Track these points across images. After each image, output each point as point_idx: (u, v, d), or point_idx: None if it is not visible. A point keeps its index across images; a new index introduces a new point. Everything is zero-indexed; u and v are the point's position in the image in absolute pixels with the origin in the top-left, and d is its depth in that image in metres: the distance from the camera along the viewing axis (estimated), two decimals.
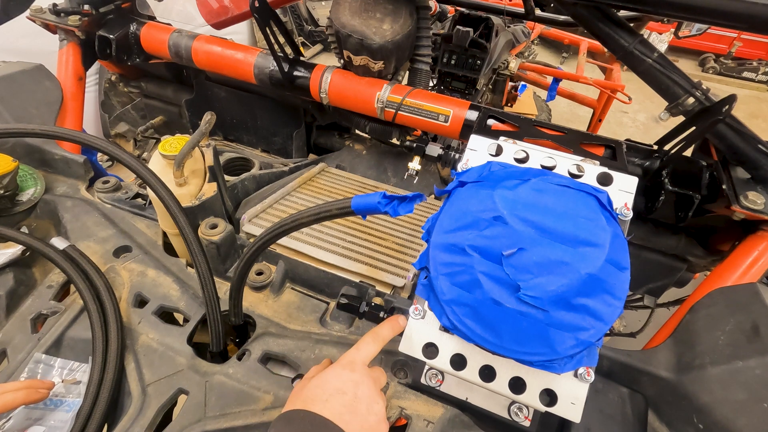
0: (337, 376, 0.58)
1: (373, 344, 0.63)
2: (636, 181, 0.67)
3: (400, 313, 0.85)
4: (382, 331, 0.65)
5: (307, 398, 0.55)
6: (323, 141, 1.65)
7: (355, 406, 0.55)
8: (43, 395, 0.70)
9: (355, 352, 0.62)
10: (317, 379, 0.58)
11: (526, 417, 0.67)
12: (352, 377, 0.58)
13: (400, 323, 0.66)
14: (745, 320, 0.72)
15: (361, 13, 1.10)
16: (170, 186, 0.86)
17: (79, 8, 1.32)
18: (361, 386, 0.57)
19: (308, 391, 0.57)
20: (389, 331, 0.65)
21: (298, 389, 0.59)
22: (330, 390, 0.56)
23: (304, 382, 0.60)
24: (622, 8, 0.93)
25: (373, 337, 0.64)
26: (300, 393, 0.57)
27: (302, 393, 0.57)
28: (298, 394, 0.58)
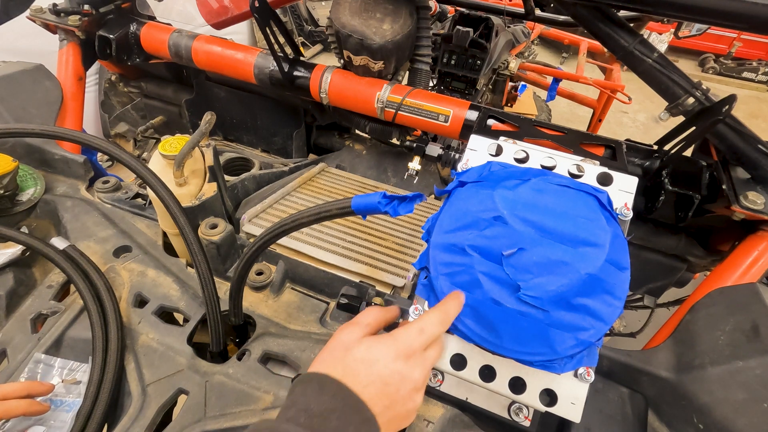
0: (387, 364, 0.50)
1: (440, 326, 0.54)
2: (636, 181, 0.67)
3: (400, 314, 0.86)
4: (450, 309, 0.54)
5: (347, 370, 0.48)
6: (323, 141, 1.65)
7: (395, 404, 0.49)
8: (44, 409, 0.70)
9: (416, 335, 0.52)
10: (367, 353, 0.50)
11: (526, 417, 0.67)
12: (403, 371, 0.50)
13: (462, 299, 0.56)
14: (745, 320, 0.72)
15: (361, 13, 1.10)
16: (170, 186, 0.86)
17: (79, 8, 1.32)
18: (408, 382, 0.50)
19: (351, 362, 0.49)
20: (456, 309, 0.55)
21: (341, 349, 0.51)
22: (375, 376, 0.49)
23: (351, 342, 0.52)
24: (622, 8, 0.93)
25: (442, 318, 0.54)
26: (344, 356, 0.50)
27: (346, 358, 0.50)
28: (338, 357, 0.51)
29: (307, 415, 0.44)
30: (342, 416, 0.44)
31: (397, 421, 0.50)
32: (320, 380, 0.48)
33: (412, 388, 0.51)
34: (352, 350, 0.51)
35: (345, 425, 0.44)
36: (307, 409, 0.44)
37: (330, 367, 0.50)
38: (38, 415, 0.71)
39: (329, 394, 0.46)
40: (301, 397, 0.46)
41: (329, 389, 0.47)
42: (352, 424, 0.45)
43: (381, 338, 0.52)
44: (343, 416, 0.44)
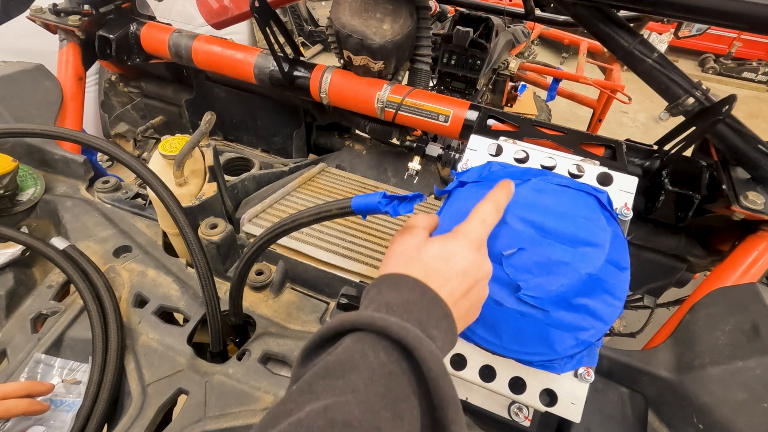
0: (465, 255, 0.48)
1: (496, 214, 0.53)
2: (636, 181, 0.67)
3: None
4: (501, 198, 0.54)
5: (428, 268, 0.47)
6: (323, 141, 1.65)
7: (470, 294, 0.48)
8: (44, 408, 0.70)
9: (480, 226, 0.51)
10: (442, 249, 0.48)
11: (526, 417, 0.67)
12: (479, 261, 0.49)
13: (511, 188, 0.57)
14: (745, 320, 0.72)
15: (361, 13, 1.10)
16: (170, 186, 0.86)
17: (79, 8, 1.32)
18: (482, 271, 0.49)
19: (430, 259, 0.48)
20: (507, 197, 0.55)
21: (413, 250, 0.49)
22: (455, 270, 0.47)
23: (420, 242, 0.50)
24: (622, 8, 0.93)
25: (496, 207, 0.53)
26: (418, 255, 0.48)
27: (421, 257, 0.48)
28: (413, 257, 0.49)
29: (389, 307, 0.41)
30: (423, 308, 0.42)
31: (470, 313, 0.49)
32: (394, 279, 0.46)
33: (486, 276, 0.50)
34: (426, 248, 0.49)
35: (428, 317, 0.42)
36: (388, 303, 0.42)
37: (406, 268, 0.47)
38: (38, 414, 0.71)
39: (406, 288, 0.44)
40: (377, 296, 0.44)
41: (406, 284, 0.45)
42: (434, 316, 0.43)
43: (451, 235, 0.51)
44: (423, 308, 0.43)
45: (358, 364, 0.35)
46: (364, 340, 0.37)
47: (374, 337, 0.37)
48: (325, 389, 0.34)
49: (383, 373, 0.36)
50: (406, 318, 0.40)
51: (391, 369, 0.36)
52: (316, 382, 0.35)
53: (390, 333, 0.37)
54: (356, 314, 0.39)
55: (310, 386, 0.35)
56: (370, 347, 0.37)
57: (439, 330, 0.42)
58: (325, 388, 0.35)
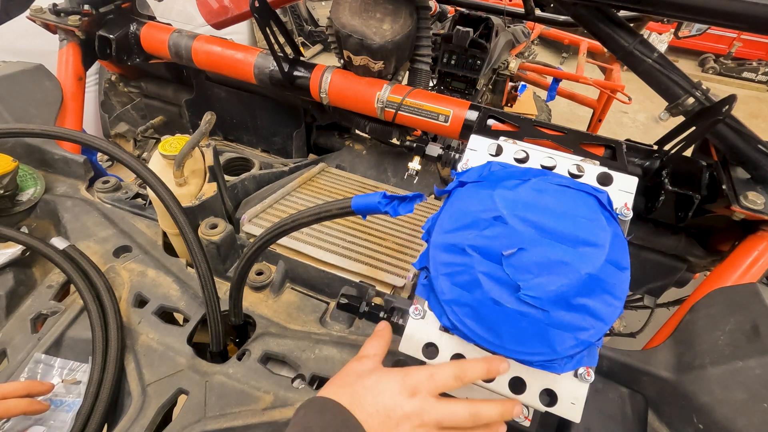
0: (392, 396, 0.51)
1: (453, 380, 0.53)
2: (636, 181, 0.67)
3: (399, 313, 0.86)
4: (470, 371, 0.53)
5: (355, 397, 0.50)
6: (323, 141, 1.65)
7: None
8: (44, 408, 0.70)
9: (425, 378, 0.52)
10: (375, 383, 0.52)
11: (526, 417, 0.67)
12: (405, 406, 0.50)
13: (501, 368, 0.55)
14: (745, 320, 0.72)
15: (361, 13, 1.10)
16: (170, 186, 0.86)
17: (79, 8, 1.32)
18: (409, 420, 0.50)
19: (360, 389, 0.51)
20: (477, 374, 0.53)
21: (353, 376, 0.53)
22: (380, 406, 0.50)
23: (363, 371, 0.53)
24: (622, 8, 0.93)
25: (457, 373, 0.53)
26: (352, 384, 0.52)
27: (353, 386, 0.51)
28: (348, 383, 0.52)
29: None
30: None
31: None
32: (323, 403, 0.49)
33: (410, 427, 0.50)
34: (363, 378, 0.52)
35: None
36: (307, 427, 0.46)
37: (338, 393, 0.51)
38: (38, 414, 0.71)
39: (330, 414, 0.48)
40: (303, 419, 0.48)
41: (331, 411, 0.48)
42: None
43: (391, 371, 0.53)
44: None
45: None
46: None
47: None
48: None
49: None
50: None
51: None
52: None
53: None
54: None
55: None
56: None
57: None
58: None
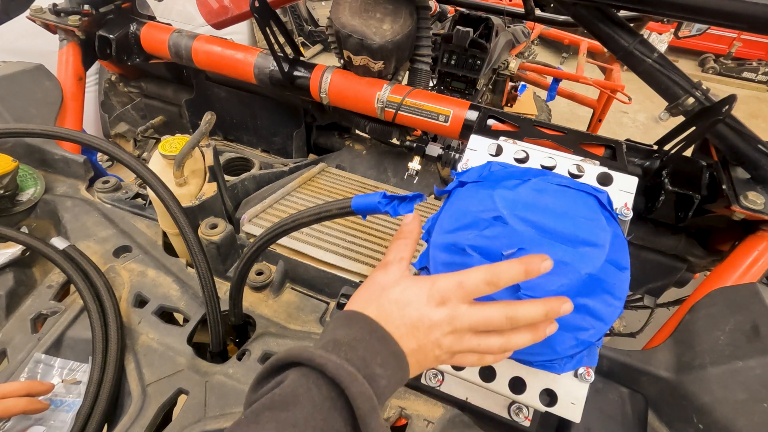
0: (418, 308, 0.48)
1: (484, 286, 0.47)
2: (636, 181, 0.67)
3: None
4: (503, 274, 0.47)
5: (381, 310, 0.48)
6: (323, 141, 1.65)
7: (422, 343, 0.47)
8: (44, 407, 0.70)
9: (455, 287, 0.48)
10: (400, 295, 0.48)
11: (526, 417, 0.67)
12: (433, 316, 0.47)
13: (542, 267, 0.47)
14: (745, 320, 0.72)
15: (361, 13, 1.10)
16: (170, 186, 0.86)
17: (79, 8, 1.32)
18: (436, 329, 0.47)
19: (386, 303, 0.48)
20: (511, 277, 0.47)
21: (378, 289, 0.50)
22: (406, 318, 0.47)
23: (388, 282, 0.50)
24: (622, 8, 0.93)
25: (488, 278, 0.47)
26: (378, 296, 0.49)
27: (379, 299, 0.49)
28: (373, 297, 0.50)
29: (335, 344, 0.43)
30: (369, 346, 0.44)
31: (423, 363, 0.49)
32: (349, 316, 0.48)
33: (441, 335, 0.47)
34: (387, 290, 0.50)
35: (373, 354, 0.43)
36: (335, 339, 0.44)
37: (363, 306, 0.49)
38: (38, 413, 0.70)
39: (357, 326, 0.46)
40: (330, 332, 0.46)
41: (357, 322, 0.47)
42: (380, 354, 0.44)
43: (418, 280, 0.50)
44: (370, 346, 0.44)
45: (301, 398, 0.39)
46: (308, 375, 0.40)
47: (316, 374, 0.40)
48: (270, 420, 0.38)
49: (322, 408, 0.39)
50: (349, 356, 0.42)
51: (329, 404, 0.39)
52: (263, 412, 0.39)
53: (326, 371, 0.40)
54: (301, 349, 0.42)
55: (257, 416, 0.38)
56: (314, 383, 0.40)
57: (385, 368, 0.44)
58: (270, 419, 0.38)
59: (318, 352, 0.41)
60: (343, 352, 0.42)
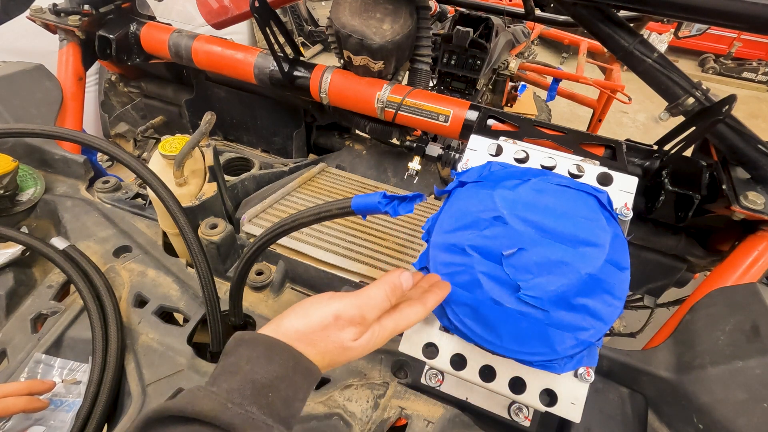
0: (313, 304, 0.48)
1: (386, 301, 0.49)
2: (636, 181, 0.67)
3: None
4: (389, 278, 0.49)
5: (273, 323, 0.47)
6: (323, 141, 1.65)
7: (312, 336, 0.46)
8: (43, 405, 0.70)
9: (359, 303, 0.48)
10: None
11: (526, 417, 0.67)
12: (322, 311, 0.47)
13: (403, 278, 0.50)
14: (745, 320, 0.72)
15: (361, 13, 1.10)
16: (170, 186, 0.86)
17: (79, 8, 1.32)
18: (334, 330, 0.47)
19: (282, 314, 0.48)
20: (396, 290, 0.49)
21: None
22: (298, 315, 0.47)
23: None
24: (622, 8, 0.93)
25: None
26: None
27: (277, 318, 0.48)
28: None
29: (254, 389, 0.40)
30: (292, 383, 0.42)
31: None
32: (269, 346, 0.44)
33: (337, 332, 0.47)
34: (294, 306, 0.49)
35: (294, 391, 0.42)
36: (254, 382, 0.40)
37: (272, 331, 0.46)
38: (37, 411, 0.70)
39: (280, 361, 0.42)
40: (246, 365, 0.42)
41: (280, 357, 0.43)
42: (302, 389, 0.43)
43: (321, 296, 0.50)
44: (293, 383, 0.42)
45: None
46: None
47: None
48: None
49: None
50: (272, 398, 0.40)
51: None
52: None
53: None
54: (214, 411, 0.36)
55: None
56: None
57: (304, 399, 0.43)
58: None
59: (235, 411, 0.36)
60: (264, 397, 0.39)
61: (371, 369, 0.78)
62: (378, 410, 0.72)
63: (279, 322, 0.47)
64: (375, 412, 0.72)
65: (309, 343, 0.45)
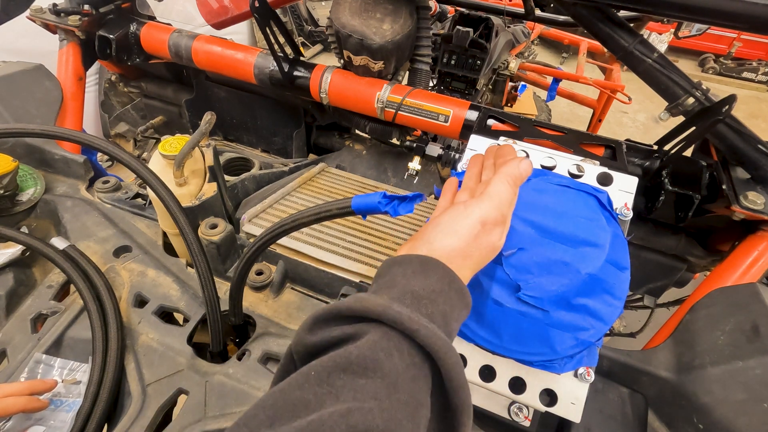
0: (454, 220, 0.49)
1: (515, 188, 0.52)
2: (636, 181, 0.67)
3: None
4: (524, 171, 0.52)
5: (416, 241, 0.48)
6: (323, 141, 1.65)
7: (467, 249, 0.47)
8: (43, 405, 0.70)
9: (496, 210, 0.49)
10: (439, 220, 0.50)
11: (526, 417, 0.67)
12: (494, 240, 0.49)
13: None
14: (745, 320, 0.72)
15: (361, 13, 1.10)
16: (170, 186, 0.86)
17: (79, 8, 1.32)
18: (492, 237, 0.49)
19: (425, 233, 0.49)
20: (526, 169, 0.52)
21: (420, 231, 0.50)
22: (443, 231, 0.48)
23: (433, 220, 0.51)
24: (622, 8, 0.93)
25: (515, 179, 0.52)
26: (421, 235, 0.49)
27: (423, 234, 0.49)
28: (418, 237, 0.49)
29: (414, 298, 0.40)
30: (449, 300, 0.43)
31: None
32: (423, 262, 0.44)
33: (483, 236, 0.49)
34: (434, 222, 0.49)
35: (452, 309, 0.42)
36: (413, 292, 0.41)
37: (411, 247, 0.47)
38: (37, 411, 0.70)
39: (435, 277, 0.43)
40: (403, 278, 0.43)
41: (435, 272, 0.44)
42: (457, 308, 0.43)
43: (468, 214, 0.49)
44: (449, 300, 0.43)
45: (382, 364, 0.34)
46: (390, 337, 0.36)
47: (401, 338, 0.36)
48: (347, 388, 0.33)
49: (407, 377, 0.35)
50: (431, 310, 0.40)
51: (414, 373, 0.36)
52: (337, 375, 0.34)
53: (417, 337, 0.36)
54: (382, 305, 0.37)
55: (329, 377, 0.34)
56: (396, 347, 0.36)
57: (459, 321, 0.44)
58: (347, 386, 0.33)
59: (405, 313, 0.37)
60: (424, 307, 0.40)
61: None
62: None
63: (429, 243, 0.47)
64: None
65: (466, 257, 0.47)
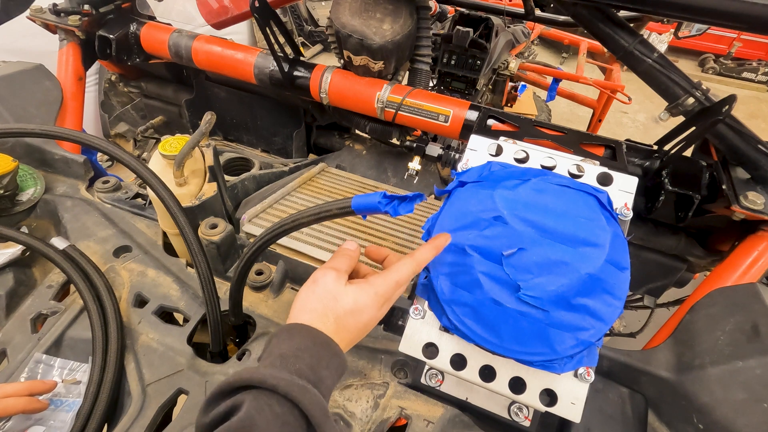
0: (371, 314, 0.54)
1: (413, 275, 0.56)
2: (636, 181, 0.67)
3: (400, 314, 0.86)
4: (421, 257, 0.57)
5: (339, 324, 0.52)
6: (323, 141, 1.65)
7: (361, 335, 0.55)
8: (43, 406, 0.70)
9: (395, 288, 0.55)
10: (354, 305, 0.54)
11: (526, 417, 0.67)
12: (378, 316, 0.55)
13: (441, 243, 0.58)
14: (745, 320, 0.72)
15: (361, 13, 1.10)
16: (170, 186, 0.86)
17: (79, 8, 1.32)
18: (376, 321, 0.55)
19: (342, 315, 0.53)
20: (429, 256, 0.57)
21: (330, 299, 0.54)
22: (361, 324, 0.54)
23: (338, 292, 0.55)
24: (622, 8, 0.93)
25: (415, 268, 0.56)
26: (333, 308, 0.53)
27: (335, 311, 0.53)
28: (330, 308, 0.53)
29: (282, 359, 0.46)
30: (314, 353, 0.48)
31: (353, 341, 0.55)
32: (290, 329, 0.50)
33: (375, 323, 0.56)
34: (340, 301, 0.53)
35: (318, 360, 0.48)
36: (282, 355, 0.47)
37: (321, 316, 0.52)
38: (37, 412, 0.70)
39: (299, 337, 0.49)
40: (274, 348, 0.49)
41: (299, 333, 0.50)
42: (324, 358, 0.48)
43: (363, 288, 0.54)
44: (315, 353, 0.48)
45: (256, 421, 0.41)
46: (260, 397, 0.43)
47: (269, 394, 0.43)
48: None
49: (276, 426, 0.41)
50: (297, 366, 0.46)
51: (284, 420, 0.42)
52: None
53: (277, 390, 0.42)
54: (251, 372, 0.44)
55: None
56: (266, 403, 0.42)
57: (329, 369, 0.49)
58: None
59: (268, 372, 0.43)
60: (291, 364, 0.46)
61: (371, 369, 0.78)
62: (378, 410, 0.72)
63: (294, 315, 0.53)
64: (375, 412, 0.72)
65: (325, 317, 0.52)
